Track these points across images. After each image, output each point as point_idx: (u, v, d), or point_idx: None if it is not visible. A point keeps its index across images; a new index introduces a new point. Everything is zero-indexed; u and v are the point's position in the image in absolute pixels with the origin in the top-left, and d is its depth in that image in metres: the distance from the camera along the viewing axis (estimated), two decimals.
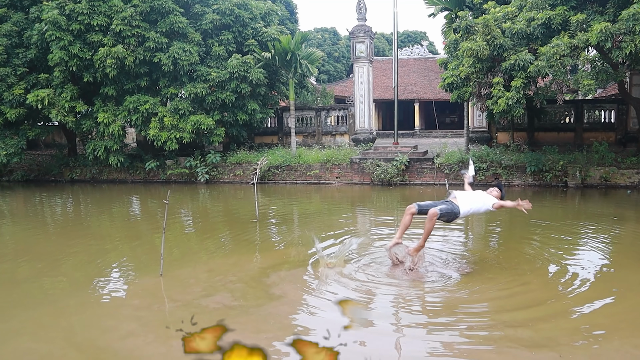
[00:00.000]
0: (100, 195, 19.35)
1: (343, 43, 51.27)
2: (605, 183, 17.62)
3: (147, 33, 20.15)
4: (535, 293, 6.77)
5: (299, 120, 25.87)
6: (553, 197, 16.15)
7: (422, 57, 38.01)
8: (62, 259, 9.43)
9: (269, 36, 22.15)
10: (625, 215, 12.86)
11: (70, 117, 20.69)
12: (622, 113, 21.87)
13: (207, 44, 21.54)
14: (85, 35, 20.01)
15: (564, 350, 5.06)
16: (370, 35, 23.53)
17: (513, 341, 5.30)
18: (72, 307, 6.79)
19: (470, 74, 16.49)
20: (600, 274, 7.62)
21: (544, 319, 5.85)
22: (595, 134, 21.94)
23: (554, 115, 23.03)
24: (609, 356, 4.99)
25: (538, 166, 18.03)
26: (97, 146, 21.20)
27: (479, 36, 15.90)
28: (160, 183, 22.14)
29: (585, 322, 5.83)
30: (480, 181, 18.66)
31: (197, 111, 21.09)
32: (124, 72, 20.52)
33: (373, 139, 24.18)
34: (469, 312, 6.10)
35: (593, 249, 9.12)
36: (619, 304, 6.40)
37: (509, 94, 15.33)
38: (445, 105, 33.99)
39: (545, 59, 14.69)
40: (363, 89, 23.89)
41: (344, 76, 47.17)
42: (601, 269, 7.82)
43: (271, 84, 23.59)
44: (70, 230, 12.51)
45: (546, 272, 7.68)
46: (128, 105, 20.58)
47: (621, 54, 14.01)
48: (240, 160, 21.75)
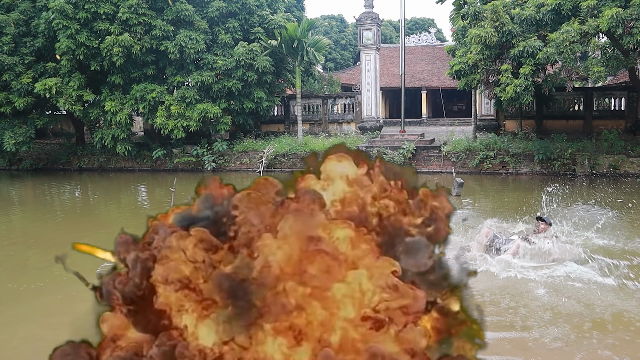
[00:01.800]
0: (108, 183, 19.44)
1: (350, 30, 50.92)
2: (614, 171, 17.47)
3: (154, 21, 20.11)
4: None
5: (305, 109, 25.79)
6: (562, 185, 16.05)
7: (429, 45, 37.70)
8: (70, 246, 9.47)
9: (276, 24, 22.04)
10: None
11: (78, 106, 20.73)
12: (633, 101, 21.61)
13: (213, 32, 21.47)
14: (92, 23, 19.99)
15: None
16: (377, 23, 23.35)
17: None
18: (81, 295, 6.83)
19: (478, 61, 16.35)
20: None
21: None
22: (605, 122, 21.70)
23: (562, 102, 22.81)
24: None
25: (546, 154, 17.89)
26: (104, 135, 21.26)
27: (487, 22, 15.74)
28: (167, 171, 22.19)
29: None
30: (487, 169, 18.58)
31: (204, 99, 21.07)
32: (131, 60, 20.50)
33: (380, 127, 24.09)
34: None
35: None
36: None
37: (517, 81, 15.20)
38: (453, 93, 33.74)
39: (555, 45, 14.55)
40: (370, 77, 23.75)
41: (350, 64, 46.91)
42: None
43: (277, 72, 23.51)
44: (79, 218, 12.60)
45: None
46: (135, 93, 20.60)
47: (632, 40, 13.86)
48: (246, 149, 21.76)
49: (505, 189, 15.71)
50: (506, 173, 18.48)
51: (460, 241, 8.46)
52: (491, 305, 6.04)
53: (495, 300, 6.23)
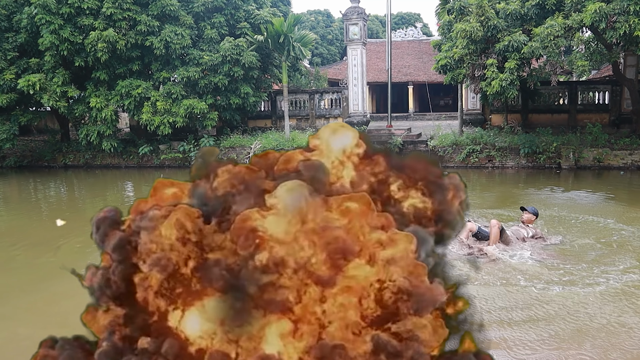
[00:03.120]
0: (94, 180, 19.30)
1: (336, 25, 50.87)
2: (598, 164, 17.68)
3: (139, 16, 19.94)
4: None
5: (292, 104, 25.76)
6: (547, 179, 16.22)
7: (416, 39, 37.77)
8: (56, 244, 9.41)
9: (262, 19, 21.96)
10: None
11: (62, 102, 20.51)
12: (616, 94, 21.85)
13: (199, 27, 21.35)
14: (75, 18, 19.77)
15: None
16: (363, 17, 23.35)
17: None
18: (67, 292, 6.77)
19: (464, 55, 16.44)
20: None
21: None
22: (589, 116, 21.93)
23: (547, 96, 23.00)
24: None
25: (532, 148, 18.05)
26: (89, 131, 21.07)
27: (472, 17, 15.82)
28: (153, 168, 22.07)
29: None
30: (473, 163, 18.71)
31: (190, 95, 20.96)
32: (116, 56, 20.33)
33: (367, 122, 24.12)
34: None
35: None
36: None
37: (503, 76, 15.31)
38: (440, 88, 33.85)
39: (539, 39, 14.67)
40: (357, 72, 23.76)
41: (337, 59, 46.86)
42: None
43: (264, 67, 23.45)
44: (65, 216, 12.49)
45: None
46: (120, 89, 20.42)
47: (615, 35, 14.01)
48: (233, 145, 21.69)
49: (491, 183, 15.83)
50: (492, 167, 18.62)
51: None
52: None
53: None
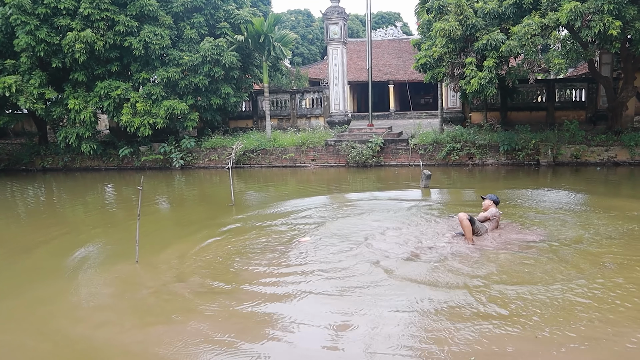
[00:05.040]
0: (74, 183, 19.06)
1: (317, 25, 50.87)
2: (576, 160, 17.96)
3: (117, 17, 19.72)
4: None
5: (273, 104, 25.73)
6: (526, 175, 16.42)
7: (396, 38, 37.94)
8: (35, 248, 9.30)
9: (242, 18, 21.88)
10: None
11: (40, 104, 20.20)
12: (592, 92, 22.22)
13: (178, 27, 21.19)
14: (52, 19, 19.49)
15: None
16: (343, 17, 23.41)
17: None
18: (46, 298, 6.71)
19: (443, 54, 16.56)
20: None
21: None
22: (567, 113, 22.27)
23: (526, 94, 23.29)
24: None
25: (511, 145, 18.27)
26: (68, 133, 20.81)
27: (451, 16, 15.95)
28: (134, 170, 21.88)
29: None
30: (454, 161, 18.87)
31: (170, 96, 20.81)
32: (94, 57, 20.09)
33: (348, 121, 24.19)
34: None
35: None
36: None
37: (482, 74, 15.45)
38: (420, 86, 34.08)
39: (517, 38, 14.84)
40: (337, 71, 23.81)
41: (318, 58, 46.90)
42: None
43: (245, 68, 23.38)
44: (44, 220, 12.33)
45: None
46: (99, 91, 20.18)
47: (590, 33, 14.22)
48: (215, 145, 21.60)
49: (472, 180, 15.97)
50: (473, 164, 18.79)
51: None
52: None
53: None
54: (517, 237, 8.32)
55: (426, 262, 7.20)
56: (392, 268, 6.99)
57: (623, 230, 8.67)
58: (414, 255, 7.52)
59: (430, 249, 7.75)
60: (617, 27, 13.85)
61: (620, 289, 6.06)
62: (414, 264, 7.13)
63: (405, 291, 6.22)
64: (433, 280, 6.53)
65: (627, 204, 11.28)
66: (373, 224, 9.62)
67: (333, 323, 5.51)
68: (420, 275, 6.72)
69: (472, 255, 7.43)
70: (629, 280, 6.33)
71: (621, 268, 6.79)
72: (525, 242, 8.06)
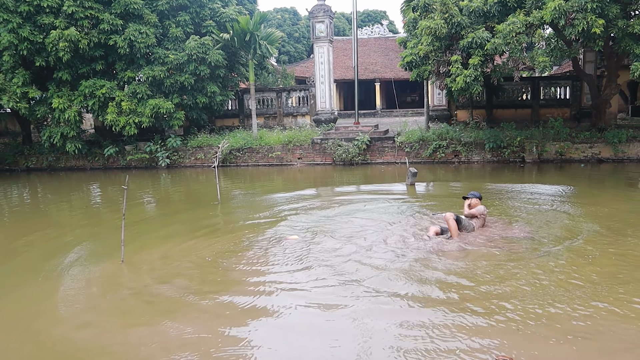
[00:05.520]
0: (59, 183, 18.88)
1: (303, 23, 50.84)
2: (560, 157, 18.13)
3: (101, 15, 19.55)
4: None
5: (259, 102, 25.67)
6: (511, 172, 16.55)
7: (382, 37, 38.00)
8: (19, 248, 9.21)
9: (227, 17, 21.79)
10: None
11: (23, 103, 19.98)
12: (577, 89, 22.44)
13: (163, 26, 21.04)
14: (35, 17, 19.27)
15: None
16: (330, 15, 23.40)
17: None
18: (28, 298, 6.64)
19: (429, 52, 16.63)
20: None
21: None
22: (551, 110, 22.47)
23: (511, 92, 23.47)
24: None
25: (496, 142, 18.40)
26: (52, 133, 20.60)
27: (437, 14, 16.02)
28: (120, 169, 21.73)
29: None
30: (440, 159, 18.96)
31: (156, 95, 20.68)
32: (78, 55, 19.90)
33: (334, 119, 24.20)
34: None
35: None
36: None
37: (467, 72, 15.54)
38: (406, 85, 34.17)
39: (502, 36, 14.95)
40: (324, 70, 23.81)
41: (304, 57, 46.83)
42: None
43: (231, 66, 23.29)
44: (28, 220, 12.19)
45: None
46: (84, 89, 20.00)
47: (574, 31, 14.36)
48: (201, 144, 21.51)
49: (458, 177, 16.06)
50: (458, 162, 18.89)
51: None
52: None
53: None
54: (502, 233, 8.39)
55: (409, 259, 7.22)
56: (378, 265, 7.01)
57: (606, 225, 8.77)
58: (399, 253, 7.55)
59: (413, 246, 7.78)
60: (600, 26, 14.01)
61: (604, 284, 6.13)
62: (399, 262, 7.15)
63: (389, 286, 6.23)
64: (416, 275, 6.56)
65: (610, 199, 11.43)
66: (359, 221, 9.64)
67: (320, 321, 5.51)
68: (404, 271, 6.74)
69: (457, 253, 7.48)
70: (611, 275, 6.41)
71: (602, 261, 6.88)
72: (511, 238, 8.14)
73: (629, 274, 6.48)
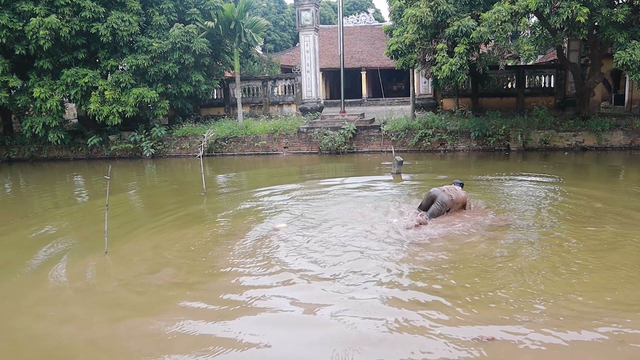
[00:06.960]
0: (41, 174, 18.63)
1: (289, 11, 50.43)
2: (545, 146, 18.25)
3: (83, 2, 19.16)
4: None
5: (245, 91, 25.49)
6: (496, 161, 16.63)
7: (368, 25, 37.86)
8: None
9: (212, 4, 21.55)
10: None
11: (4, 93, 19.61)
12: (561, 78, 22.54)
13: (147, 13, 20.73)
14: (14, 4, 18.88)
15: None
16: (315, 3, 23.21)
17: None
18: (7, 293, 6.51)
19: (415, 40, 16.59)
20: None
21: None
22: (536, 99, 22.57)
23: (496, 81, 23.52)
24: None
25: (482, 131, 18.46)
26: (34, 123, 20.28)
27: (422, 2, 15.97)
28: (104, 159, 21.50)
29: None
30: (426, 147, 19.00)
31: (140, 84, 20.42)
32: (60, 43, 19.55)
33: (320, 108, 24.11)
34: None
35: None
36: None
37: (453, 60, 15.54)
38: (392, 73, 34.15)
39: (487, 24, 14.95)
40: (309, 58, 23.67)
41: (290, 45, 46.53)
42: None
43: (215, 54, 23.07)
44: (9, 211, 12.01)
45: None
46: (66, 78, 19.67)
47: (559, 20, 14.40)
48: (186, 133, 21.33)
49: (443, 165, 16.12)
50: (444, 150, 18.95)
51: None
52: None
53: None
54: (484, 220, 8.43)
55: (394, 246, 7.24)
56: (366, 253, 7.01)
57: (587, 212, 8.86)
58: (385, 240, 7.56)
59: (397, 233, 7.80)
60: (585, 14, 14.06)
61: (586, 270, 6.19)
62: (385, 249, 7.16)
63: (374, 274, 6.24)
64: (401, 262, 6.58)
65: (592, 186, 11.53)
66: (345, 210, 9.63)
67: (310, 309, 5.50)
68: (389, 259, 6.76)
69: (440, 241, 7.50)
70: (595, 260, 6.48)
71: (585, 248, 6.95)
72: (493, 225, 8.18)
73: (608, 259, 6.56)
